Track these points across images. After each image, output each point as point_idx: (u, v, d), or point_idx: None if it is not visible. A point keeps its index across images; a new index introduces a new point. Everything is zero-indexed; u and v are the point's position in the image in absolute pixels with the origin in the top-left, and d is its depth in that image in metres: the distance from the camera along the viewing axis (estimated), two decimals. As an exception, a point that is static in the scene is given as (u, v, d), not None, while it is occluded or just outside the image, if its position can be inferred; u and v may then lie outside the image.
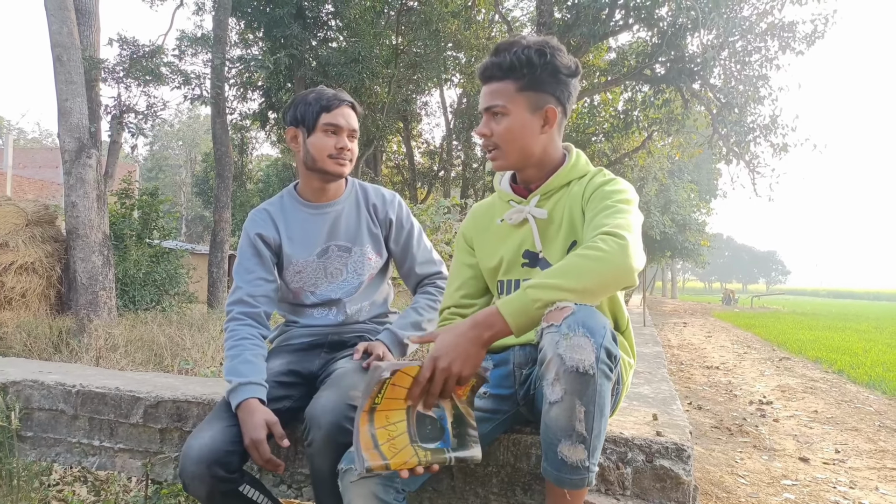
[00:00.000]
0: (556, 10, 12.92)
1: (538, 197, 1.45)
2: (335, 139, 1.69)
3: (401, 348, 1.73)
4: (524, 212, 1.46)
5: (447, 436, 1.21)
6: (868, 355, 7.84)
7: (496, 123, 1.40)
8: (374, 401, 1.16)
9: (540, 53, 1.34)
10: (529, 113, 1.38)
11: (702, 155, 19.61)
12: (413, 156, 22.07)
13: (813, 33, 12.20)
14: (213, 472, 1.38)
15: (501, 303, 1.19)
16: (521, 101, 1.37)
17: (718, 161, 15.77)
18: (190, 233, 38.15)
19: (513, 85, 1.37)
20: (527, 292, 1.16)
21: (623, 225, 1.23)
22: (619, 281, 1.18)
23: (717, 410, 4.42)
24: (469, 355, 1.16)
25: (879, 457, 3.29)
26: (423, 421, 1.21)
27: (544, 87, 1.37)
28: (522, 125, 1.38)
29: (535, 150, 1.42)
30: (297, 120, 1.72)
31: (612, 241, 1.18)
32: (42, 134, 49.82)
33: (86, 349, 5.17)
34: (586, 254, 1.18)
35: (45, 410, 2.08)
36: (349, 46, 13.91)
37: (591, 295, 1.16)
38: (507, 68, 1.36)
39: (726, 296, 29.09)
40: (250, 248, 1.72)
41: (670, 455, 1.41)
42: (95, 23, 8.53)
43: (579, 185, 1.44)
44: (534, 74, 1.35)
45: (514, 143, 1.40)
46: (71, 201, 7.38)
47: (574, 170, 1.46)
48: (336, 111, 1.69)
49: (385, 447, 1.15)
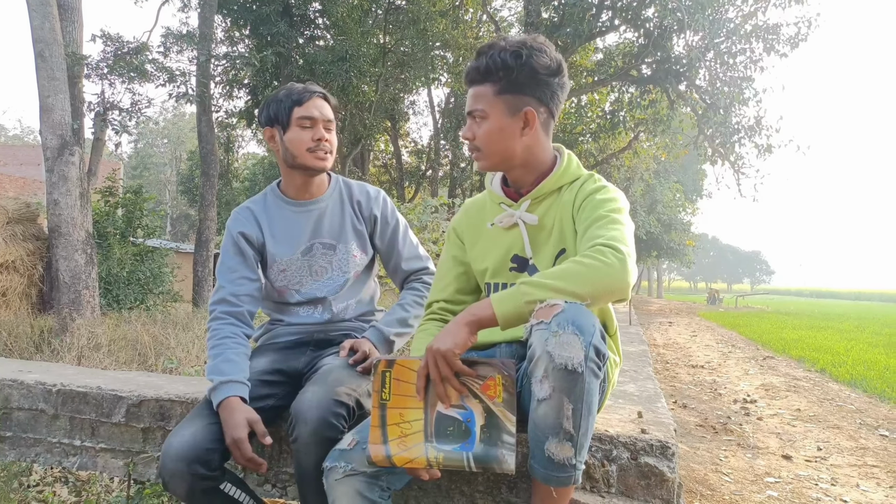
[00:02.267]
0: (544, 10, 12.96)
1: (529, 201, 1.45)
2: (311, 131, 1.66)
3: (387, 345, 1.72)
4: (515, 216, 1.46)
5: (472, 439, 1.17)
6: (850, 354, 7.94)
7: (478, 127, 1.40)
8: (380, 396, 1.15)
9: (515, 56, 1.34)
10: (508, 116, 1.38)
11: (687, 155, 19.80)
12: (401, 155, 22.05)
13: (796, 36, 12.35)
14: (192, 469, 1.37)
15: (494, 294, 1.20)
16: (500, 105, 1.37)
17: (704, 162, 15.93)
18: (175, 231, 37.81)
19: (491, 88, 1.37)
20: (520, 288, 1.17)
21: (620, 238, 1.24)
22: (615, 294, 1.19)
23: (702, 409, 4.45)
24: (452, 333, 1.17)
25: (860, 454, 3.33)
26: (445, 421, 1.18)
27: (522, 89, 1.36)
28: (501, 128, 1.38)
29: (516, 152, 1.41)
30: (271, 119, 1.70)
31: (612, 255, 1.19)
32: (24, 131, 49.23)
33: (68, 348, 5.09)
34: (586, 262, 1.18)
35: (25, 410, 2.05)
36: (336, 45, 13.85)
37: (584, 303, 1.17)
38: (485, 72, 1.37)
39: (711, 295, 29.33)
40: (233, 246, 1.71)
41: (655, 453, 1.42)
42: (78, 18, 8.41)
43: (570, 192, 1.43)
44: (510, 77, 1.35)
45: (495, 147, 1.40)
46: (53, 199, 7.28)
47: (565, 174, 1.45)
48: (308, 103, 1.67)
49: (395, 443, 1.14)
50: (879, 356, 7.76)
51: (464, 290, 1.60)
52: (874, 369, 6.52)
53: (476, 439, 1.17)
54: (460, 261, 1.60)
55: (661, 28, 11.79)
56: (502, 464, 1.15)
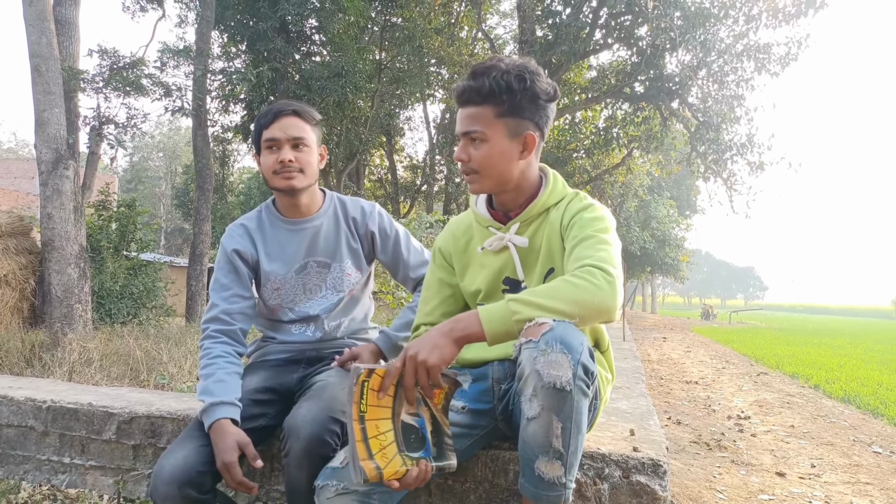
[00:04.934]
0: (538, 29, 13.10)
1: (518, 224, 1.45)
2: (276, 154, 1.64)
3: (395, 351, 1.71)
4: (505, 239, 1.45)
5: (428, 445, 1.21)
6: (843, 370, 7.96)
7: (474, 149, 1.37)
8: (360, 408, 1.15)
9: (520, 79, 1.32)
10: (508, 139, 1.36)
11: (681, 171, 19.93)
12: (396, 170, 22.11)
13: (787, 55, 12.50)
14: (184, 493, 1.36)
15: (482, 308, 1.19)
16: (500, 128, 1.35)
17: (697, 178, 16.02)
18: (169, 245, 37.68)
19: (492, 110, 1.34)
20: (509, 304, 1.17)
21: (609, 259, 1.24)
22: (602, 316, 1.19)
23: (696, 425, 4.45)
24: (437, 345, 1.16)
25: (854, 471, 3.33)
26: (408, 431, 1.21)
27: (523, 113, 1.35)
28: (501, 152, 1.37)
29: (513, 175, 1.40)
30: (253, 143, 1.73)
31: (602, 277, 1.19)
32: (18, 144, 49.06)
33: (59, 363, 5.05)
34: (576, 282, 1.19)
35: (14, 427, 2.03)
36: (332, 61, 13.94)
37: (572, 321, 1.17)
38: (487, 94, 1.33)
39: (705, 311, 29.41)
40: (227, 264, 1.70)
41: (647, 471, 1.42)
42: (75, 33, 8.45)
43: (557, 211, 1.43)
44: (513, 101, 1.33)
45: (493, 170, 1.38)
46: (47, 213, 7.26)
47: (552, 195, 1.45)
48: (273, 126, 1.64)
49: (378, 457, 1.14)
50: (872, 372, 7.77)
51: (450, 312, 1.56)
52: (867, 385, 6.53)
53: (430, 444, 1.22)
54: (447, 283, 1.58)
55: (653, 47, 11.92)
56: (450, 464, 1.24)
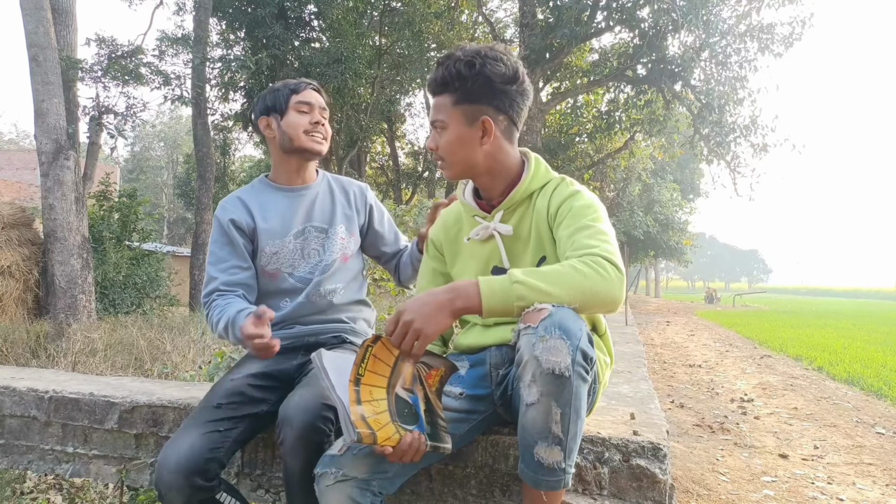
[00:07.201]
0: (539, 12, 12.96)
1: (502, 212, 1.45)
2: (308, 116, 1.73)
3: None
4: (489, 228, 1.45)
5: (421, 421, 1.22)
6: (847, 352, 7.96)
7: (440, 137, 1.41)
8: (358, 370, 1.15)
9: (469, 65, 1.33)
10: (466, 126, 1.38)
11: (684, 155, 19.80)
12: (397, 156, 22.04)
13: (791, 35, 12.36)
14: (191, 481, 1.36)
15: (484, 281, 1.17)
16: (457, 115, 1.38)
17: (700, 161, 15.93)
18: (172, 235, 37.73)
19: (449, 99, 1.38)
20: (514, 287, 1.15)
21: (615, 252, 1.24)
22: (605, 307, 1.20)
23: (699, 408, 4.45)
24: (433, 316, 1.14)
25: (857, 452, 3.33)
26: (402, 404, 1.21)
27: (478, 98, 1.36)
28: (460, 138, 1.39)
29: (478, 160, 1.41)
30: (267, 108, 1.75)
31: (612, 270, 1.19)
32: (19, 135, 48.92)
33: (63, 354, 5.08)
34: (585, 272, 1.17)
35: (17, 417, 2.04)
36: (332, 47, 13.83)
37: (572, 307, 1.16)
38: (441, 83, 1.38)
39: (709, 294, 29.38)
40: (223, 236, 1.70)
41: (647, 454, 1.42)
42: (73, 22, 8.41)
43: (543, 198, 1.43)
44: (465, 87, 1.35)
45: (456, 156, 1.41)
46: (49, 203, 7.27)
47: (535, 180, 1.44)
48: (304, 92, 1.75)
49: (371, 420, 1.14)
50: (876, 354, 7.77)
51: None
52: (871, 367, 6.53)
53: (423, 422, 1.22)
54: (440, 273, 1.60)
55: (655, 28, 11.79)
56: (446, 446, 1.23)
